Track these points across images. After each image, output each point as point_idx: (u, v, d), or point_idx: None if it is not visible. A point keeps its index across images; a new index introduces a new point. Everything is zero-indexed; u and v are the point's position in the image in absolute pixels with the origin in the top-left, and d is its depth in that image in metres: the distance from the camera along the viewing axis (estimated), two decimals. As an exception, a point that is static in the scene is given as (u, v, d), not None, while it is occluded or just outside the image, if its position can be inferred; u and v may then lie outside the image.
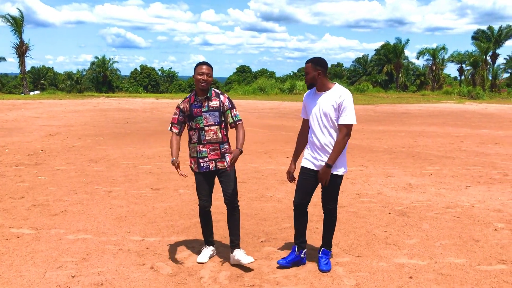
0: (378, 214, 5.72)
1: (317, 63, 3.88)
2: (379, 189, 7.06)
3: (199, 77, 4.09)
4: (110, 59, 59.03)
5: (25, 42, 43.01)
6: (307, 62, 3.94)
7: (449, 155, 10.27)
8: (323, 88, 3.92)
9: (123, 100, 30.29)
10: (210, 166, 4.17)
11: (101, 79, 58.12)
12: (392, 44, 54.42)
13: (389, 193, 6.78)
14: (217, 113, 4.15)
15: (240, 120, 4.24)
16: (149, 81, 77.51)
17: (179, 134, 4.25)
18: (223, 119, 4.18)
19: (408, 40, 54.62)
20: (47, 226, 5.18)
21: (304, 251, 4.14)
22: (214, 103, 4.16)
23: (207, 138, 4.15)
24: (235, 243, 4.19)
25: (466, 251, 4.51)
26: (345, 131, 3.83)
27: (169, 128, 4.31)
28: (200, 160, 4.19)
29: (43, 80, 67.89)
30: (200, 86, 4.10)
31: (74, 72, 61.92)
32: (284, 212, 5.78)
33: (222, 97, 4.20)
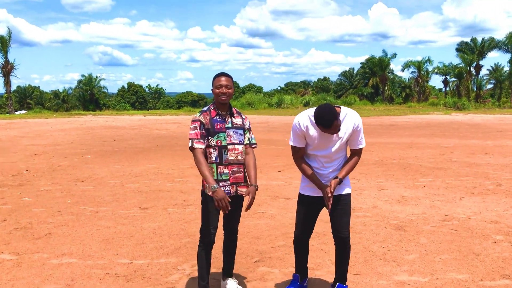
0: (374, 229, 5.57)
1: (335, 113, 3.31)
2: (373, 202, 6.91)
3: (218, 90, 3.65)
4: (96, 77, 58.78)
5: (10, 62, 42.67)
6: (331, 123, 3.26)
7: (441, 166, 10.19)
8: None
9: (110, 118, 29.99)
10: (231, 190, 3.66)
11: (88, 97, 57.72)
12: (377, 57, 54.87)
13: (383, 207, 6.65)
14: (241, 131, 3.75)
15: (256, 144, 3.88)
16: (137, 98, 77.27)
17: (205, 150, 3.64)
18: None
19: (394, 54, 55.05)
20: (30, 250, 4.94)
21: (307, 279, 3.93)
22: (238, 120, 3.77)
23: (229, 158, 3.66)
24: (229, 271, 3.93)
25: (467, 266, 4.36)
26: (360, 153, 3.73)
27: (190, 145, 3.63)
28: (220, 184, 3.61)
29: (29, 99, 67.25)
30: (220, 100, 3.65)
31: (61, 90, 61.54)
32: (278, 229, 5.60)
33: (243, 116, 3.84)
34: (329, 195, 3.47)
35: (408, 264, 4.44)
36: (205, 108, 3.76)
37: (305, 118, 3.55)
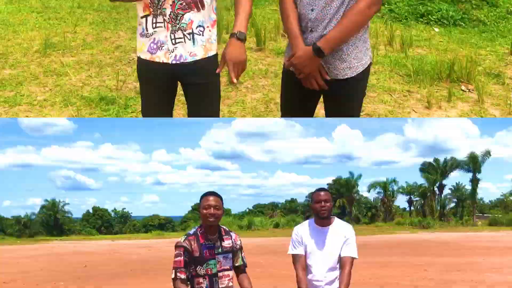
0: None
1: (330, 193, 3.59)
2: (358, 322, 6.97)
3: (205, 211, 3.51)
4: (60, 201, 57.63)
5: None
6: (324, 189, 3.47)
7: (417, 284, 10.38)
8: (328, 222, 3.59)
9: (78, 243, 29.15)
10: None
11: (52, 222, 56.12)
12: (344, 178, 56.53)
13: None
14: (230, 255, 3.59)
15: (246, 265, 3.73)
16: (102, 222, 75.37)
17: (187, 282, 3.43)
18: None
19: (360, 175, 56.89)
20: None
21: None
22: (227, 242, 3.60)
23: (220, 286, 3.46)
24: None
25: None
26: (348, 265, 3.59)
27: (173, 276, 3.37)
28: None
29: (-12, 226, 64.77)
30: (208, 222, 3.51)
31: (23, 216, 59.76)
32: None
33: (233, 235, 3.72)
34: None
35: None
36: (191, 232, 3.60)
37: (303, 224, 3.73)
